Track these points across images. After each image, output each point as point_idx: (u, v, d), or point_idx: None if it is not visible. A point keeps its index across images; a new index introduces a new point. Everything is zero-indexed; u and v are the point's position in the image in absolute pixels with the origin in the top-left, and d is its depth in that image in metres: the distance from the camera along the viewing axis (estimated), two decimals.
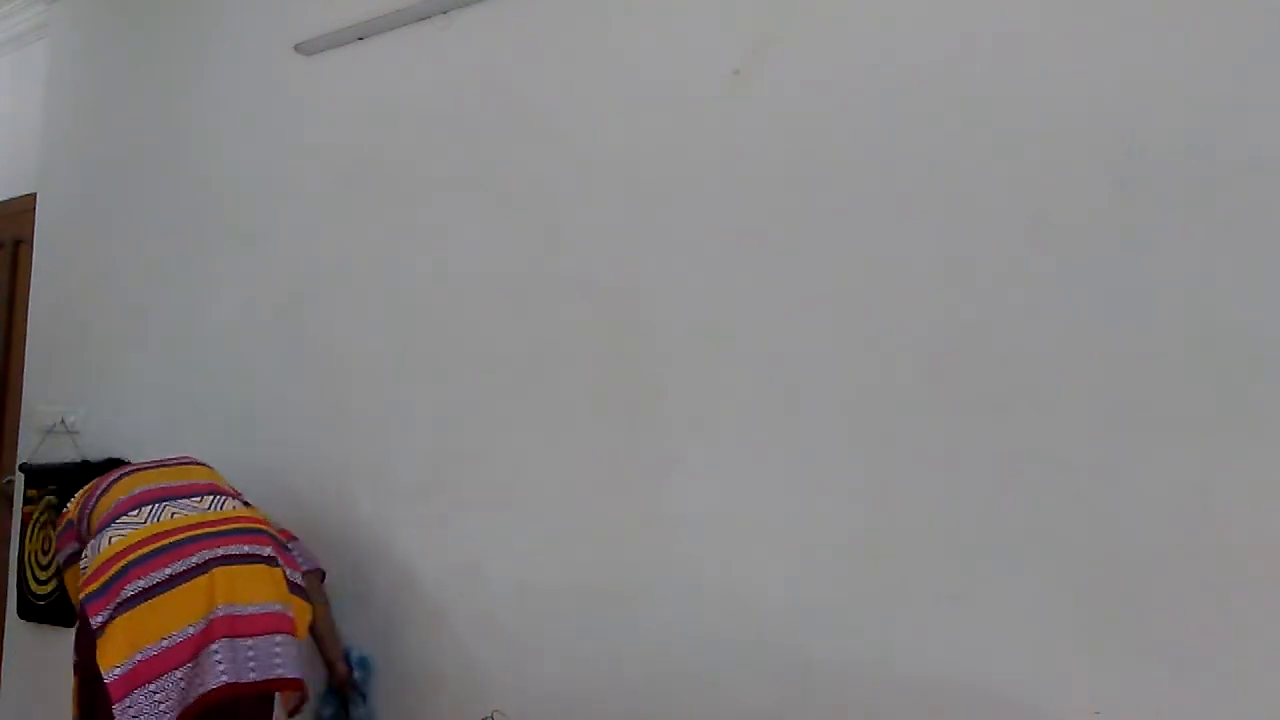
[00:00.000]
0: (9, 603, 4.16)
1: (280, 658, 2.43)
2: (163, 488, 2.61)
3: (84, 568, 2.48)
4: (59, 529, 2.80)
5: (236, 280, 3.39)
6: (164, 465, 2.76)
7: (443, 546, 2.69)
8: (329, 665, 2.81)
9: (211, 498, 2.62)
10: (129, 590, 2.36)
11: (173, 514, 2.52)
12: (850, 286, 2.05)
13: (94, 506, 2.62)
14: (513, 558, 2.53)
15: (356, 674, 2.80)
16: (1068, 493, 1.79)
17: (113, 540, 2.46)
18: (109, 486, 2.65)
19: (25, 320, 4.37)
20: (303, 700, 2.56)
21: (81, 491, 2.77)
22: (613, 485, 2.37)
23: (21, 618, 4.06)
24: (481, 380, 2.66)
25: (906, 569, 1.94)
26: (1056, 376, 1.81)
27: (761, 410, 2.15)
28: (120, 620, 2.33)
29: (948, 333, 1.94)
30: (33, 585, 4.00)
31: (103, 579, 2.40)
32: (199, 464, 2.82)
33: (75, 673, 2.50)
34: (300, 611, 2.54)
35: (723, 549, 2.18)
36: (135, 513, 2.51)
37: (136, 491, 2.59)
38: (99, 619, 2.34)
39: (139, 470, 2.70)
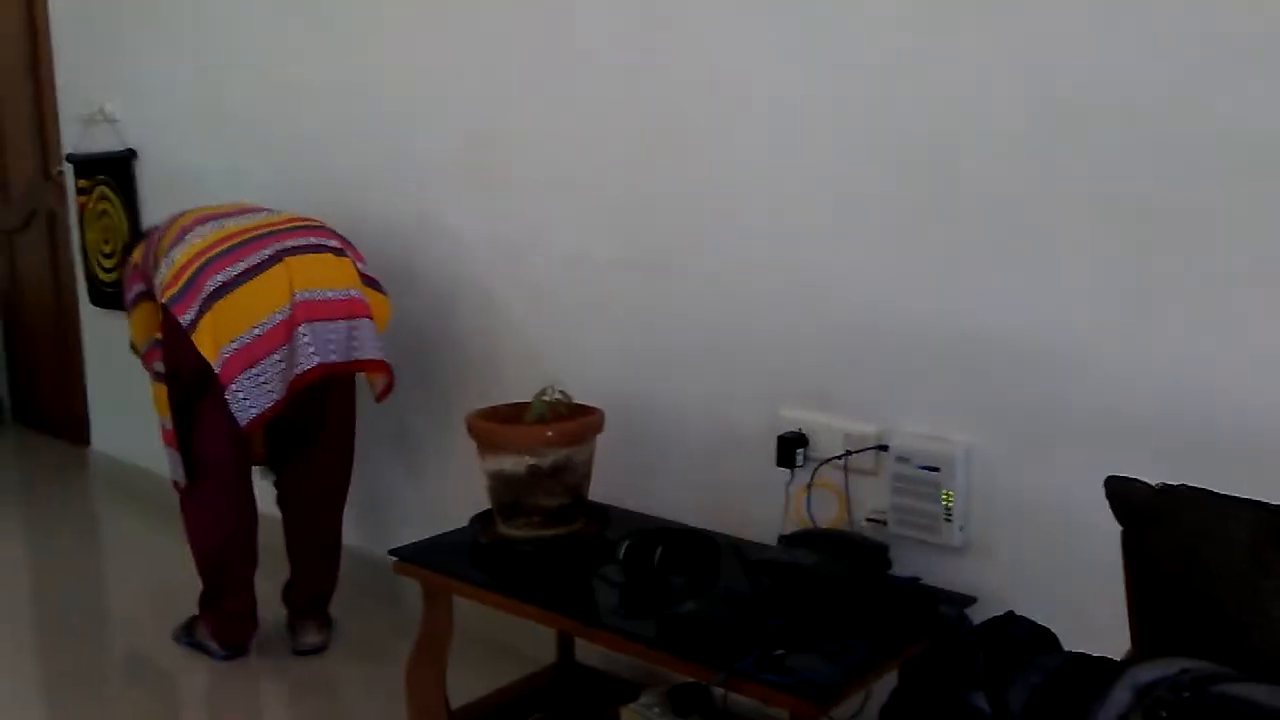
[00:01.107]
0: (80, 290, 4.31)
1: (359, 341, 2.53)
2: (221, 212, 2.67)
3: (158, 283, 2.54)
4: (126, 273, 2.85)
5: None
6: (221, 207, 2.77)
7: (490, 226, 2.69)
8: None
9: (267, 212, 2.67)
10: (210, 285, 2.43)
11: (236, 223, 2.58)
12: None
13: (157, 244, 2.66)
14: (561, 232, 2.53)
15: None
16: (1122, 143, 1.71)
17: (184, 250, 2.51)
18: (168, 225, 2.68)
19: (46, 11, 4.23)
20: (389, 386, 2.67)
21: (143, 239, 2.81)
22: (663, 159, 2.32)
23: (94, 304, 4.23)
24: (522, 59, 2.55)
25: (956, 230, 1.91)
26: (1113, 18, 1.69)
27: (815, 75, 2.06)
28: (209, 315, 2.41)
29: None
30: (100, 273, 4.13)
31: (181, 281, 2.47)
32: (256, 208, 2.83)
33: (159, 379, 2.60)
34: (378, 304, 2.61)
35: (772, 218, 2.15)
36: (197, 230, 2.57)
37: (194, 218, 2.64)
38: (188, 317, 2.43)
39: (198, 211, 2.72)
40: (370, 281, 2.63)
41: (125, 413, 4.14)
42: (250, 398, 2.42)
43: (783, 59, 2.10)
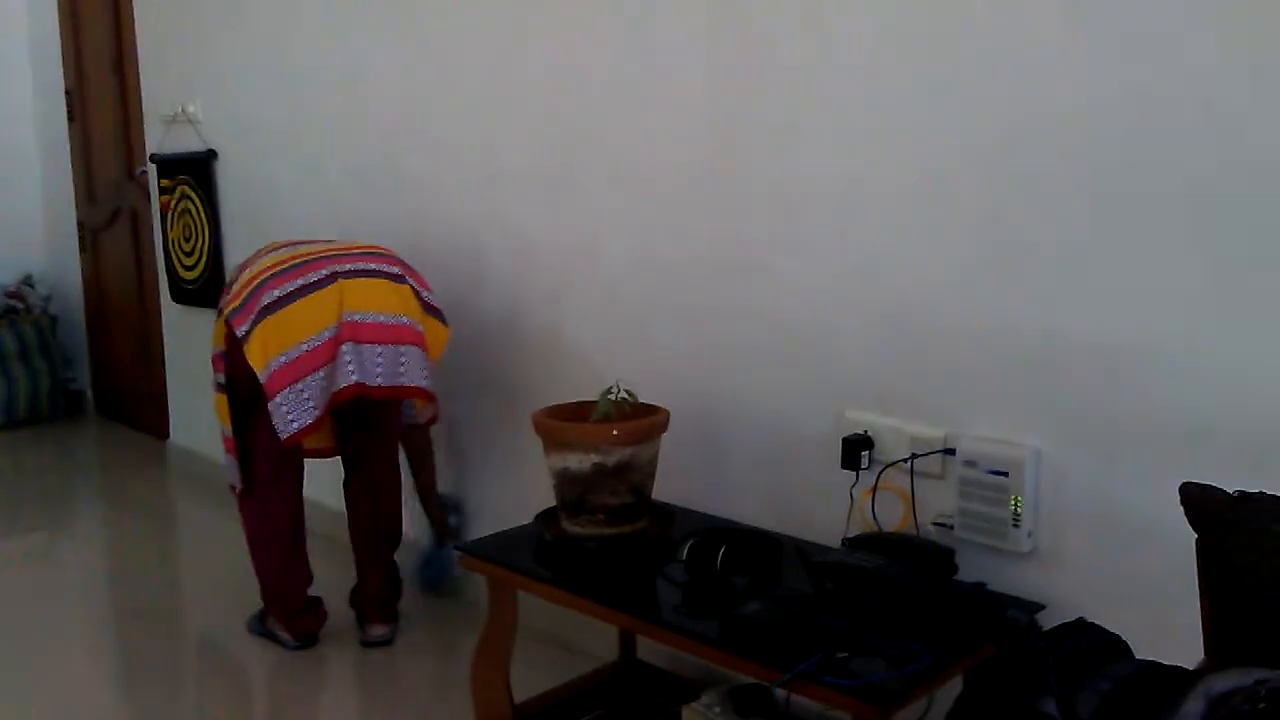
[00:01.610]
0: (162, 287, 4.43)
1: (405, 367, 2.57)
2: (295, 240, 2.75)
3: (226, 300, 2.63)
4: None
5: None
6: (299, 241, 2.83)
7: (559, 225, 2.71)
8: (429, 515, 2.94)
9: (340, 240, 2.74)
10: (265, 300, 2.50)
11: (306, 248, 2.65)
12: None
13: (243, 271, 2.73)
14: (630, 234, 2.54)
15: (451, 519, 2.91)
16: (1205, 135, 1.67)
17: (250, 271, 2.60)
18: (257, 256, 2.74)
19: (132, 11, 4.35)
20: (435, 415, 2.76)
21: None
22: (728, 156, 2.32)
23: (175, 301, 4.34)
24: (590, 54, 2.57)
25: (1028, 229, 1.88)
26: (1195, 3, 1.65)
27: (878, 74, 2.04)
28: (261, 325, 2.48)
29: None
30: (180, 271, 4.24)
31: (242, 296, 2.55)
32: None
33: (220, 390, 2.68)
34: (434, 331, 2.65)
35: (839, 216, 2.14)
36: (272, 254, 2.65)
37: (272, 246, 2.73)
38: (243, 329, 2.51)
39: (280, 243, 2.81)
40: (432, 310, 2.67)
41: (203, 408, 4.24)
42: (293, 412, 2.47)
43: (854, 59, 2.09)
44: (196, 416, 4.33)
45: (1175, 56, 1.70)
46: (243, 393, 2.61)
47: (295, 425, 2.48)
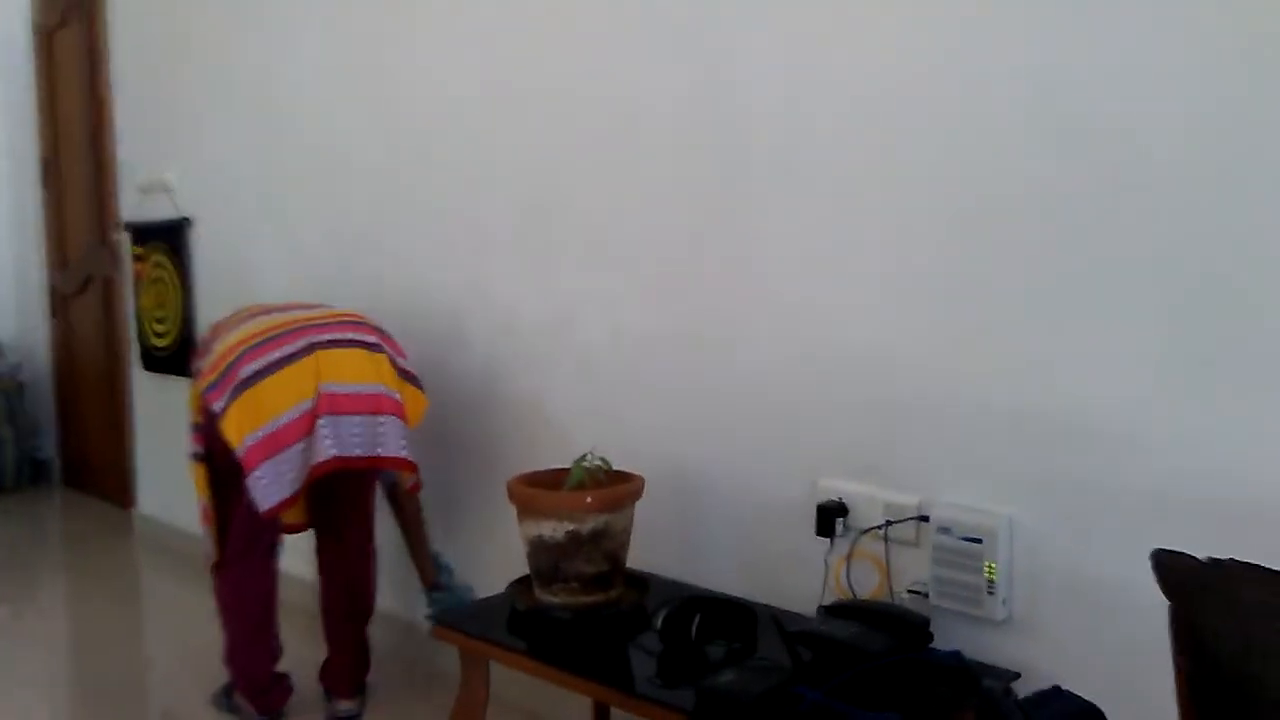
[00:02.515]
0: (133, 355, 4.40)
1: (383, 437, 2.54)
2: (273, 305, 2.74)
3: (199, 369, 2.61)
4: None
5: (314, 33, 3.32)
6: (273, 305, 2.82)
7: (538, 296, 2.72)
8: (420, 569, 2.89)
9: (322, 308, 2.72)
10: (242, 374, 2.48)
11: (282, 318, 2.63)
12: (944, 17, 1.93)
13: (217, 337, 2.70)
14: (607, 305, 2.56)
15: (441, 577, 2.89)
16: (1168, 212, 1.71)
17: (226, 341, 2.58)
18: (234, 320, 2.72)
19: (109, 82, 4.38)
20: (417, 483, 2.72)
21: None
22: (703, 231, 2.34)
23: (145, 369, 4.31)
24: (569, 131, 2.61)
25: (1000, 300, 1.91)
26: (1162, 99, 1.70)
27: (849, 150, 2.08)
28: (238, 401, 2.46)
29: (1046, 57, 1.82)
30: (152, 339, 4.22)
31: (219, 370, 2.52)
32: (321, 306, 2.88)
33: (198, 462, 2.65)
34: (412, 399, 2.63)
35: (812, 289, 2.17)
36: (249, 323, 2.63)
37: (249, 312, 2.71)
38: (219, 405, 2.48)
39: (252, 307, 2.79)
40: (408, 377, 2.65)
41: (171, 477, 4.20)
42: (271, 485, 2.44)
43: (825, 138, 2.13)
44: (164, 486, 4.28)
45: (1139, 138, 1.74)
46: (220, 464, 2.59)
47: (274, 498, 2.45)
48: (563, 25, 2.59)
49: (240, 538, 2.66)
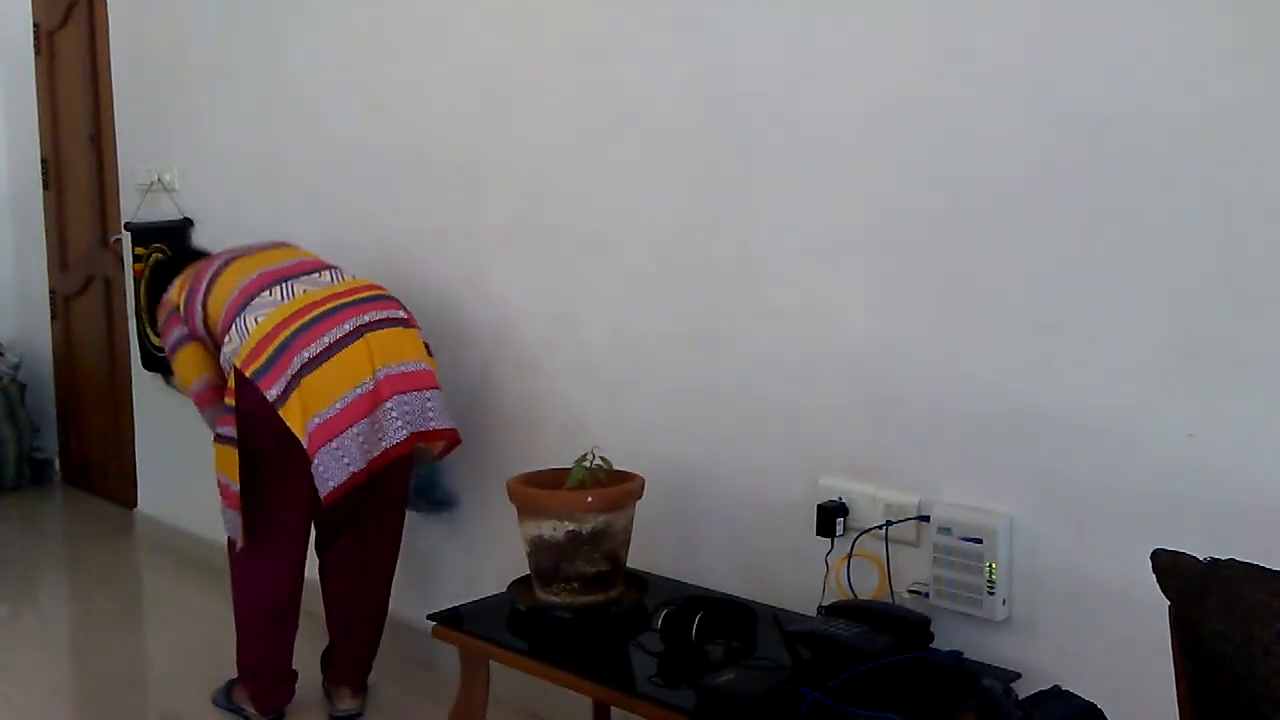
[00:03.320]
0: (133, 355, 4.40)
1: (433, 411, 2.60)
2: (278, 269, 2.68)
3: (233, 350, 2.56)
4: (162, 316, 2.87)
5: (314, 32, 3.32)
6: (261, 250, 2.81)
7: (536, 293, 2.72)
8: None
9: (328, 272, 2.71)
10: (297, 362, 2.48)
11: (304, 290, 2.61)
12: (944, 13, 1.93)
13: (206, 294, 2.69)
14: (605, 304, 2.56)
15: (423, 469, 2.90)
16: (1167, 213, 1.71)
17: (259, 320, 2.55)
18: (216, 274, 2.70)
19: (110, 82, 4.38)
20: (451, 446, 2.70)
21: (181, 279, 2.82)
22: (702, 229, 2.34)
23: (146, 368, 4.31)
24: (568, 127, 2.61)
25: (1000, 300, 1.91)
26: (1157, 90, 1.70)
27: (849, 149, 2.08)
28: (297, 391, 2.46)
29: (1042, 47, 1.82)
30: (153, 338, 4.21)
31: (266, 354, 2.50)
32: (289, 245, 2.89)
33: (227, 444, 2.57)
34: (435, 369, 2.68)
35: (812, 288, 2.16)
36: (267, 293, 2.60)
37: (254, 275, 2.65)
38: (274, 392, 2.46)
39: (240, 257, 2.76)
40: (428, 348, 2.68)
41: (172, 476, 4.20)
42: (328, 470, 2.45)
43: (826, 134, 2.13)
44: (165, 486, 4.28)
45: (1139, 137, 1.74)
46: (252, 447, 2.55)
47: (332, 483, 2.45)
48: (561, 21, 2.59)
49: (279, 525, 2.62)
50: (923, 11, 1.97)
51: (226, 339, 2.60)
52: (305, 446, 2.44)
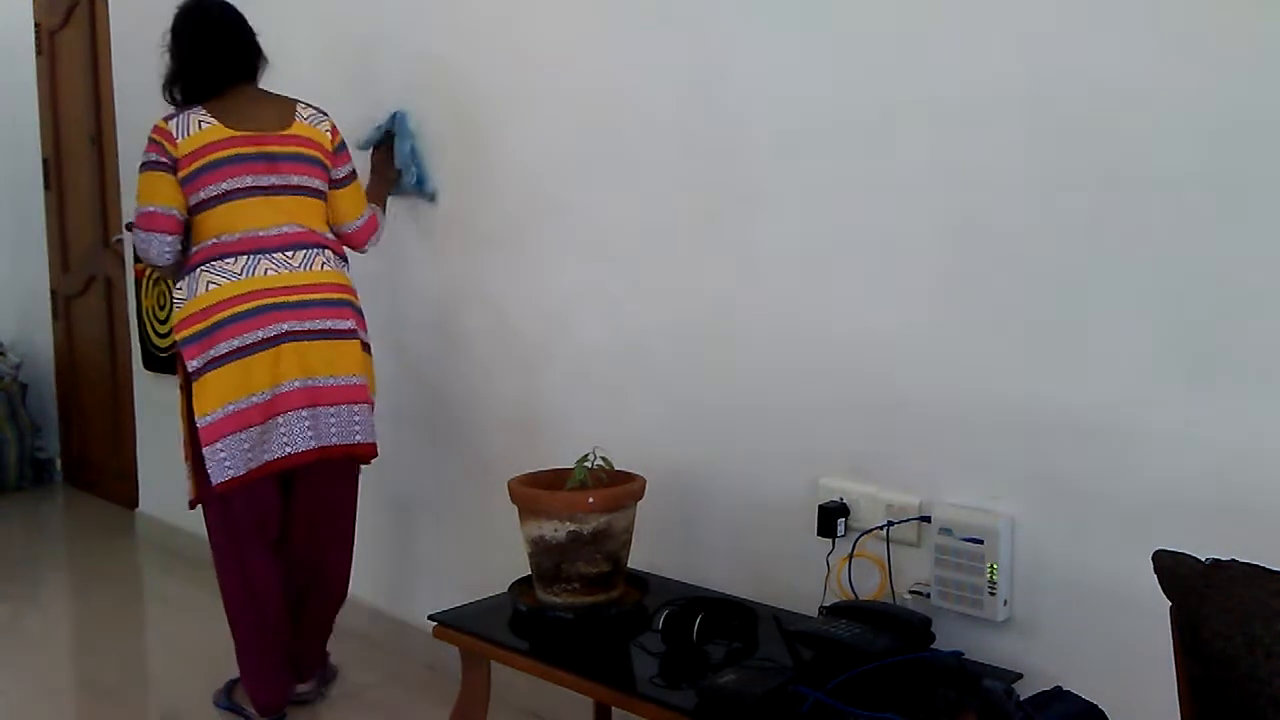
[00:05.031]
0: (134, 355, 4.40)
1: (359, 425, 2.65)
2: (257, 237, 2.60)
3: (179, 301, 2.60)
4: (150, 145, 2.77)
5: (311, 30, 3.33)
6: (246, 215, 2.63)
7: (534, 293, 2.72)
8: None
9: (304, 253, 2.64)
10: (221, 348, 2.52)
11: (266, 270, 2.59)
12: (944, 13, 1.93)
13: (195, 159, 2.65)
14: (604, 304, 2.56)
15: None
16: (1170, 214, 1.71)
17: (210, 288, 2.56)
18: (202, 148, 2.66)
19: (111, 82, 4.39)
20: (368, 459, 2.75)
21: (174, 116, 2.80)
22: (702, 227, 2.34)
23: (146, 369, 4.31)
24: (567, 127, 2.60)
25: (1000, 300, 1.90)
26: (1158, 90, 1.70)
27: (849, 149, 2.08)
28: (210, 375, 2.52)
29: (1045, 50, 1.81)
30: (153, 338, 4.22)
31: (197, 327, 2.54)
32: (289, 194, 2.69)
33: (184, 388, 2.63)
34: (371, 376, 2.72)
35: (812, 286, 2.16)
36: (232, 260, 2.58)
37: (237, 236, 2.58)
38: (194, 364, 2.53)
39: (244, 145, 2.69)
40: (367, 349, 2.72)
41: (173, 476, 4.19)
42: (226, 462, 2.52)
43: (823, 130, 2.13)
44: (167, 486, 4.27)
45: (1138, 136, 1.74)
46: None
47: (227, 475, 2.52)
48: (560, 20, 2.59)
49: (232, 519, 2.64)
50: (923, 11, 1.97)
51: (176, 288, 2.62)
52: (200, 431, 2.51)
